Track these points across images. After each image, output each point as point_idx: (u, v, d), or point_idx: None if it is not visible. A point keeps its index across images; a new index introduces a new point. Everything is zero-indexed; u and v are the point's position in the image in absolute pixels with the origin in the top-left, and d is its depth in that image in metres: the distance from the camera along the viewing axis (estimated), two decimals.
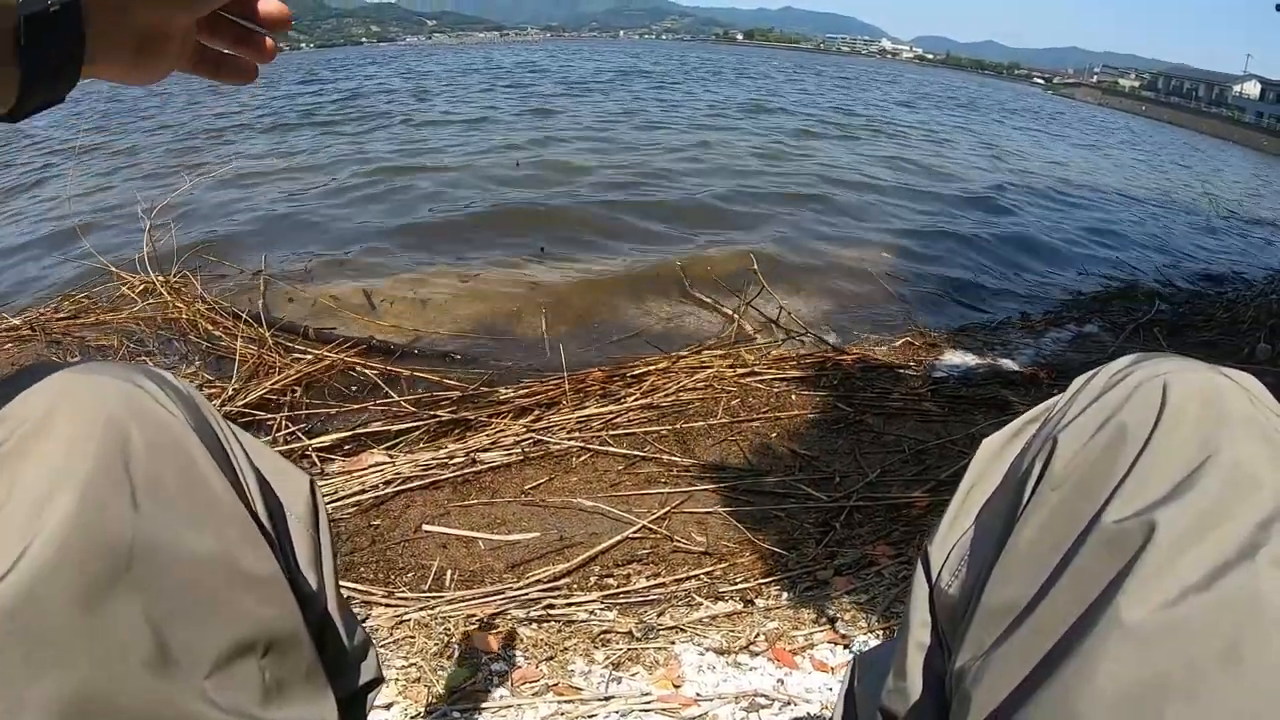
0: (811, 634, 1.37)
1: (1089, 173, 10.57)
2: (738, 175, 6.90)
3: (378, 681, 0.55)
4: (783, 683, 1.24)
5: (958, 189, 7.46)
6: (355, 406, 2.39)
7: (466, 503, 1.84)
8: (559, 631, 1.37)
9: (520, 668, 1.26)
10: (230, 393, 2.39)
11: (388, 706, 1.18)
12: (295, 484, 0.50)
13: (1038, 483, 0.45)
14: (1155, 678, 0.34)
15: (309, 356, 2.68)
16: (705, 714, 1.15)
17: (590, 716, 1.15)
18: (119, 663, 0.33)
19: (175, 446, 0.40)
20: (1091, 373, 0.50)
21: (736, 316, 3.34)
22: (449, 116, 11.00)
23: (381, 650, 1.31)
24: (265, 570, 0.41)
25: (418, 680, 1.23)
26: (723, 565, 1.62)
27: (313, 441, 2.11)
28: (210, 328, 2.92)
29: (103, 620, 0.33)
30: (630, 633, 1.36)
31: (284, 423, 2.22)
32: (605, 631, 1.37)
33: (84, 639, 0.33)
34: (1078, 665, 0.35)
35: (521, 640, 1.34)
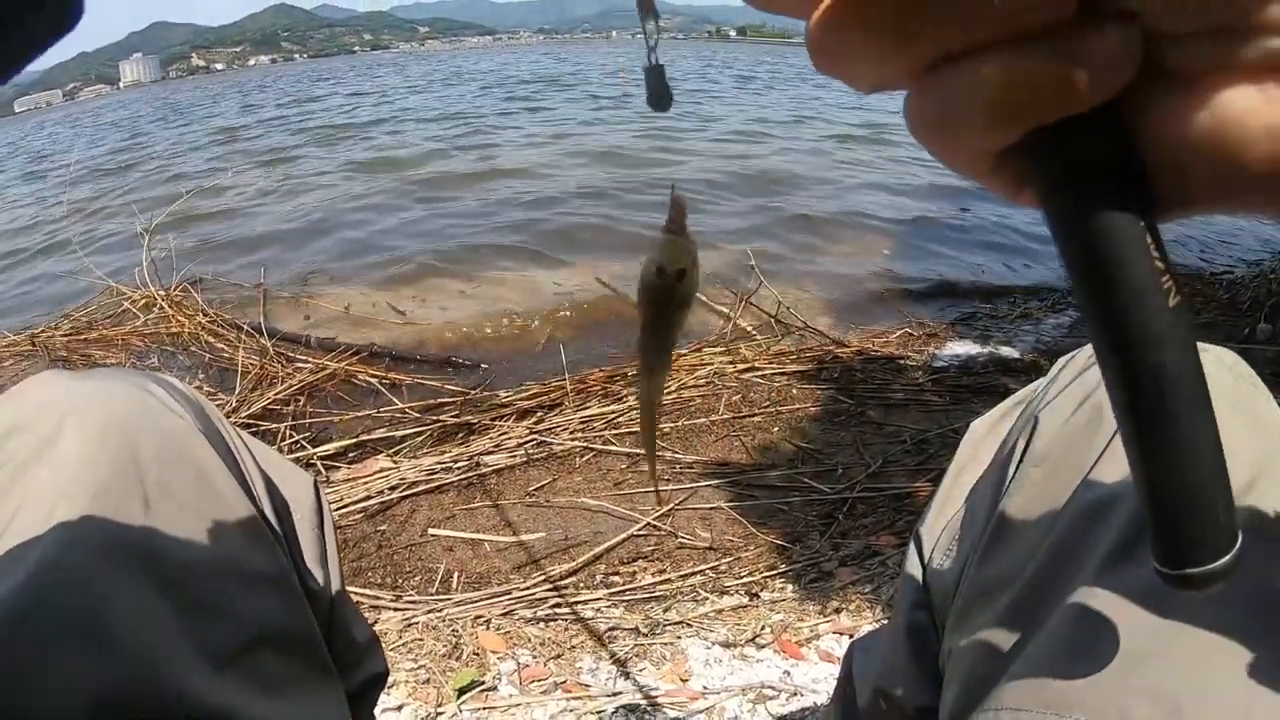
0: (817, 625, 1.38)
1: None
2: (731, 172, 6.90)
3: (384, 675, 0.56)
4: (789, 674, 1.24)
5: (954, 179, 7.45)
6: (358, 414, 2.41)
7: (471, 505, 1.85)
8: (566, 630, 1.38)
9: (528, 667, 1.27)
10: (234, 404, 2.41)
11: (399, 708, 1.19)
12: (300, 485, 0.51)
13: (1020, 461, 0.45)
14: (1136, 640, 0.34)
15: (311, 366, 2.70)
16: (713, 707, 1.16)
17: (598, 713, 1.16)
18: (134, 659, 0.34)
19: (184, 451, 0.41)
20: (1073, 353, 0.51)
21: (735, 314, 3.34)
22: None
23: (391, 653, 1.32)
24: (273, 568, 0.42)
25: (427, 682, 1.24)
26: (727, 560, 1.63)
27: (317, 450, 2.13)
28: (212, 340, 2.93)
29: (116, 619, 0.34)
30: (637, 629, 1.37)
31: (288, 432, 2.24)
32: (612, 629, 1.38)
33: (99, 636, 0.34)
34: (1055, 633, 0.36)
35: (529, 639, 1.35)
